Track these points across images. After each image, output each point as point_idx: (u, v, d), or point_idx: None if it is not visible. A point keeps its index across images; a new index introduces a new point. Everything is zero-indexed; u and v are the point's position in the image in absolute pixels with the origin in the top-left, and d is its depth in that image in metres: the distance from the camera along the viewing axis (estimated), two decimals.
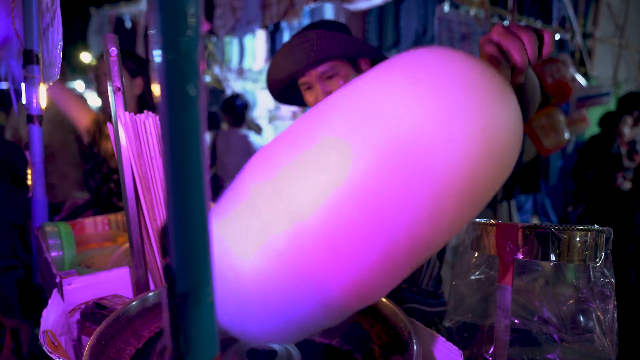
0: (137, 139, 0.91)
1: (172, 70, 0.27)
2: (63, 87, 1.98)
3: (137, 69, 1.95)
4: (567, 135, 3.60)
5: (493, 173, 0.55)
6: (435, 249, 0.56)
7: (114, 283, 0.96)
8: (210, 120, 4.65)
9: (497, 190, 0.58)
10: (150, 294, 0.80)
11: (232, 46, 5.20)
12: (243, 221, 0.53)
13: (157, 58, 0.27)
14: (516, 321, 0.85)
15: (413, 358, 0.64)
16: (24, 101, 1.39)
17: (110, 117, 0.91)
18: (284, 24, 4.52)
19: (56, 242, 1.21)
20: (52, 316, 0.79)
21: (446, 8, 3.31)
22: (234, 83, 5.45)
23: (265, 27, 4.06)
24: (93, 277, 0.94)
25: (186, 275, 0.31)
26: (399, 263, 0.53)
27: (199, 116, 0.29)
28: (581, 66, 4.46)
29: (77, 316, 0.88)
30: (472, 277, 0.89)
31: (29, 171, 1.44)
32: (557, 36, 4.31)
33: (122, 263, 1.18)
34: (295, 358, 0.68)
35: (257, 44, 5.01)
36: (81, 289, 0.93)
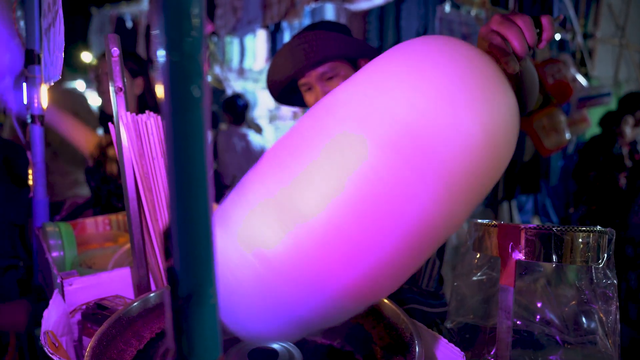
0: (139, 140, 0.90)
1: (176, 71, 0.27)
2: (64, 114, 1.93)
3: (138, 69, 1.95)
4: (568, 135, 3.60)
5: (495, 161, 0.56)
6: (442, 240, 0.57)
7: (115, 283, 0.96)
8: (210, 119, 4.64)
9: (499, 178, 0.59)
10: (151, 295, 0.79)
11: (233, 46, 5.19)
12: (251, 221, 0.53)
13: (161, 59, 0.27)
14: (518, 322, 0.85)
15: (415, 359, 0.64)
16: (25, 101, 1.39)
17: (111, 118, 0.91)
18: (285, 24, 4.52)
19: (57, 243, 1.21)
20: (53, 317, 0.79)
21: (447, 8, 3.31)
22: (235, 83, 5.45)
23: (266, 27, 4.06)
24: (94, 278, 0.94)
25: (189, 277, 0.31)
26: (408, 256, 0.54)
27: (203, 117, 0.28)
28: (582, 66, 4.46)
29: (78, 317, 0.88)
30: (474, 278, 0.89)
31: (30, 171, 1.43)
32: (558, 36, 4.30)
33: (124, 263, 1.18)
34: (296, 359, 0.68)
35: (258, 44, 5.01)
36: (82, 290, 0.92)
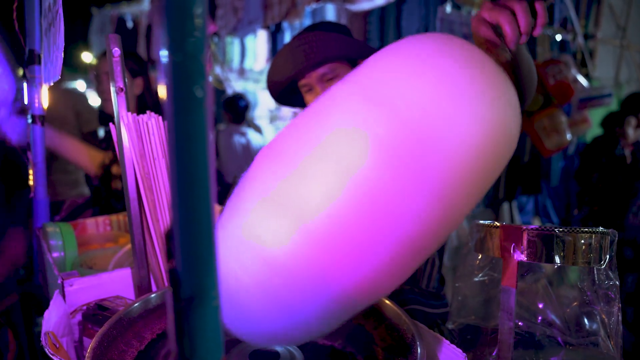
0: (140, 140, 0.90)
1: (179, 71, 0.27)
2: (65, 136, 1.91)
3: (138, 69, 1.94)
4: (569, 136, 3.59)
5: (497, 155, 0.56)
6: (446, 236, 0.57)
7: (116, 284, 0.96)
8: None
9: (501, 172, 0.59)
10: (152, 296, 0.79)
11: (234, 46, 5.19)
12: (253, 221, 0.53)
13: (164, 59, 0.26)
14: (520, 323, 0.85)
15: None
16: (26, 101, 1.39)
17: (110, 118, 0.90)
18: (286, 25, 4.51)
19: (57, 243, 1.21)
20: (54, 317, 0.78)
21: (448, 9, 3.30)
22: (235, 83, 5.44)
23: (266, 28, 4.05)
24: (95, 278, 0.94)
25: (192, 278, 0.31)
26: (410, 253, 0.54)
27: (206, 117, 0.28)
28: (583, 67, 4.45)
29: (79, 317, 0.87)
30: (476, 279, 0.88)
31: (31, 171, 1.43)
32: (559, 37, 4.30)
33: (124, 264, 1.18)
34: None
35: (259, 44, 5.01)
36: (83, 290, 0.92)
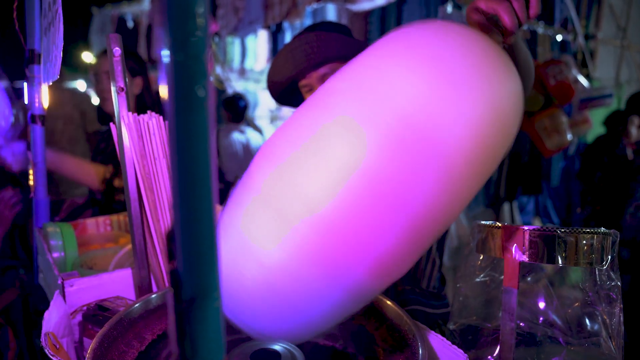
0: (140, 140, 0.90)
1: (181, 71, 0.27)
2: (65, 156, 1.91)
3: (137, 69, 1.94)
4: (570, 136, 3.59)
5: (499, 140, 0.56)
6: (448, 223, 0.57)
7: (117, 284, 0.96)
8: None
9: (503, 158, 0.59)
10: (153, 296, 0.79)
11: (234, 46, 5.19)
12: (258, 215, 0.53)
13: (166, 59, 0.26)
14: (521, 324, 0.85)
15: None
16: (26, 101, 1.39)
17: (109, 116, 0.90)
18: (286, 25, 4.51)
19: (58, 243, 1.21)
20: (54, 318, 0.78)
21: (449, 9, 3.30)
22: (236, 83, 5.44)
23: (267, 28, 4.05)
24: (95, 279, 0.94)
25: (193, 279, 0.30)
26: (417, 240, 0.54)
27: (208, 118, 0.28)
28: (583, 67, 4.45)
29: (79, 318, 0.87)
30: (477, 280, 0.88)
31: (31, 171, 1.43)
32: (560, 37, 4.29)
33: (125, 264, 1.17)
34: None
35: (259, 44, 5.01)
36: (83, 291, 0.92)
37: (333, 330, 0.77)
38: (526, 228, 0.73)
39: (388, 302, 0.77)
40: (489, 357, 0.82)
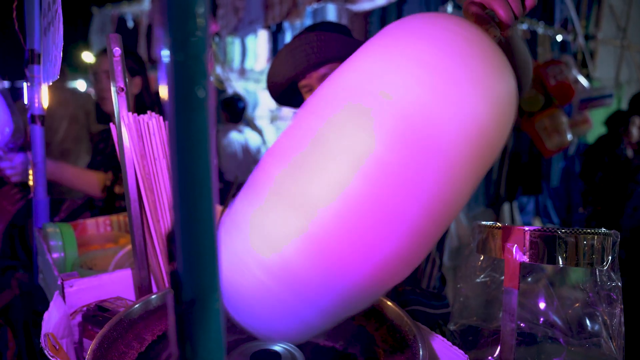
0: (140, 140, 0.90)
1: (181, 71, 0.26)
2: (64, 165, 1.91)
3: (137, 68, 1.94)
4: (570, 136, 3.59)
5: (498, 132, 0.57)
6: (449, 222, 0.57)
7: (116, 285, 0.95)
8: None
9: (501, 150, 0.59)
10: (153, 297, 0.79)
11: (234, 46, 5.19)
12: (260, 216, 0.53)
13: (166, 59, 0.26)
14: (522, 325, 0.85)
15: None
16: (26, 101, 1.39)
17: (108, 115, 0.90)
18: (287, 25, 4.51)
19: (58, 244, 1.21)
20: (54, 319, 0.78)
21: (449, 9, 3.30)
22: (236, 83, 5.44)
23: (267, 28, 4.05)
24: (95, 279, 0.94)
25: (193, 281, 0.30)
26: (415, 245, 0.54)
27: (208, 118, 0.28)
28: (583, 68, 4.45)
29: (79, 319, 0.87)
30: (477, 280, 0.88)
31: (31, 171, 1.43)
32: (560, 38, 4.29)
33: (125, 265, 1.17)
34: None
35: (259, 44, 5.01)
36: (83, 291, 0.92)
37: (333, 330, 0.77)
38: (527, 228, 0.73)
39: (388, 303, 0.76)
40: (490, 358, 0.82)
